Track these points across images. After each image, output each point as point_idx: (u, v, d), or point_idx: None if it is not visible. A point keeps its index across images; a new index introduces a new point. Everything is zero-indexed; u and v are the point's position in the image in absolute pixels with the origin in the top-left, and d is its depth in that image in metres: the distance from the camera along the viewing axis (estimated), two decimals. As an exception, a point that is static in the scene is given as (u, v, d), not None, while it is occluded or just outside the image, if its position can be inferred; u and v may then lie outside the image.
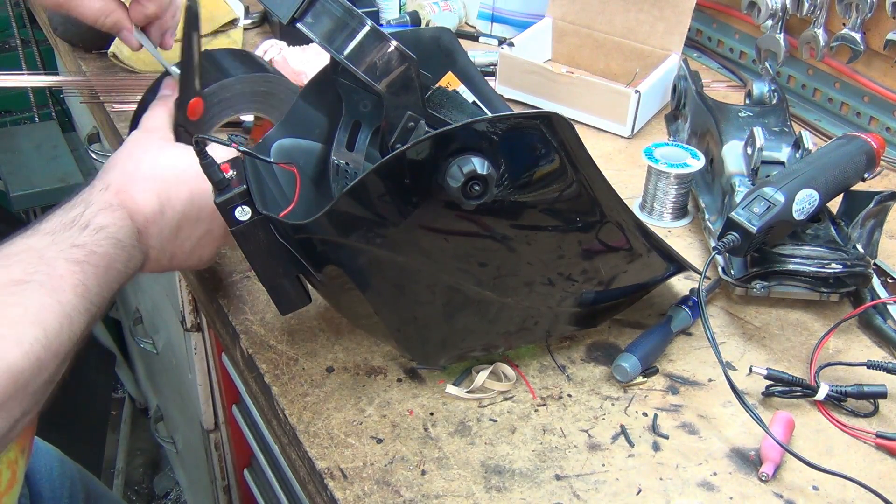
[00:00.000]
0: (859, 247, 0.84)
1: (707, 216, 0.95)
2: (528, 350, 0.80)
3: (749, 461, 0.71)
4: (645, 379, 0.78)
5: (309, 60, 1.15)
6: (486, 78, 0.93)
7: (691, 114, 1.11)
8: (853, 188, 0.88)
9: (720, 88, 1.29)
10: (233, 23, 1.28)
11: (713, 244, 0.81)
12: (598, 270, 0.74)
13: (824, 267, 0.82)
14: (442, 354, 0.76)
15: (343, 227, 0.65)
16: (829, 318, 0.85)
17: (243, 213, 0.70)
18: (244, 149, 0.73)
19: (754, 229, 0.78)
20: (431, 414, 0.74)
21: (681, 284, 0.89)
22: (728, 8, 1.32)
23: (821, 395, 0.75)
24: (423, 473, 0.69)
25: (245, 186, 0.70)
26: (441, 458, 0.70)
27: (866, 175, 0.88)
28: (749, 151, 0.95)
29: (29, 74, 2.27)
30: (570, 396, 0.76)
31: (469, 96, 0.89)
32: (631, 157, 1.13)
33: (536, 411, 0.75)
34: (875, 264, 0.88)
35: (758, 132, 0.94)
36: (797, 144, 0.95)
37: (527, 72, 1.20)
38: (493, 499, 0.67)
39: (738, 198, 0.88)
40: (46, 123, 2.58)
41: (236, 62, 0.91)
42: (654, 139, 1.14)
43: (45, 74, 2.25)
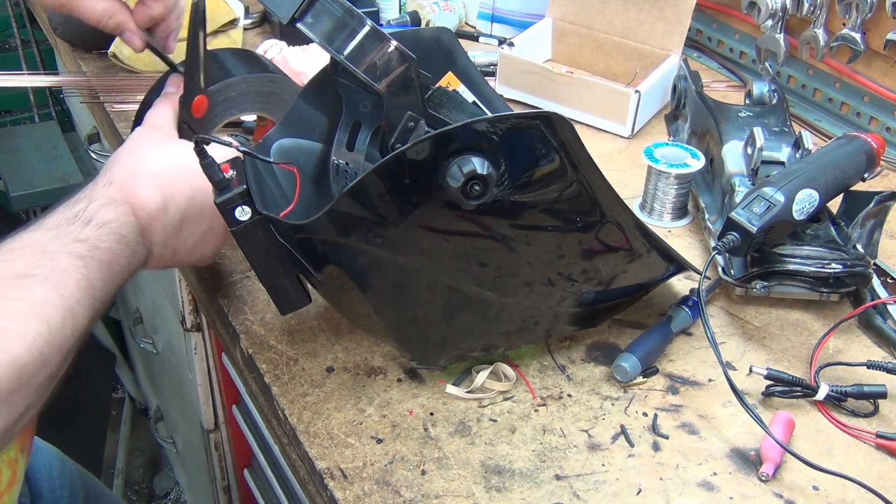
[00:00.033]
0: (859, 247, 0.84)
1: (707, 216, 0.95)
2: (528, 350, 0.80)
3: (749, 461, 0.71)
4: (645, 379, 0.78)
5: (309, 60, 1.15)
6: (486, 78, 0.93)
7: (691, 114, 1.11)
8: (853, 188, 0.88)
9: (720, 88, 1.29)
10: (233, 23, 1.28)
11: (713, 244, 0.81)
12: (598, 270, 0.74)
13: (824, 267, 0.82)
14: (442, 354, 0.76)
15: (343, 227, 0.65)
16: (829, 318, 0.85)
17: (243, 213, 0.70)
18: (244, 149, 0.73)
19: (754, 229, 0.78)
20: (431, 414, 0.74)
21: (681, 284, 0.89)
22: (728, 8, 1.32)
23: (821, 395, 0.75)
24: (423, 473, 0.69)
25: (245, 186, 0.70)
26: (441, 458, 0.70)
27: (866, 175, 0.88)
28: (749, 151, 0.95)
29: (29, 74, 2.27)
30: (570, 396, 0.76)
31: (469, 96, 0.89)
32: (631, 157, 1.13)
33: (536, 411, 0.75)
34: (875, 264, 0.88)
35: (758, 132, 0.94)
36: (797, 144, 0.95)
37: (527, 72, 1.20)
38: (493, 499, 0.67)
39: (738, 198, 0.88)
40: (46, 123, 2.58)
41: (240, 62, 0.91)
42: (654, 139, 1.14)
43: (45, 74, 2.25)
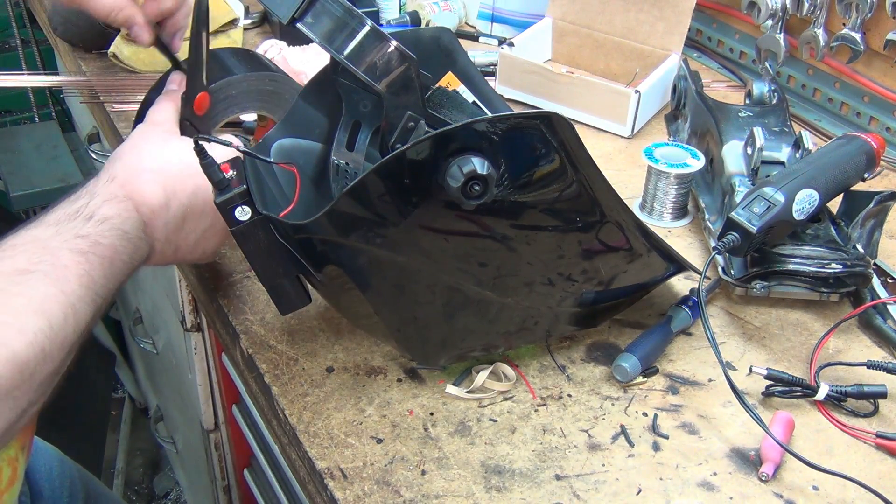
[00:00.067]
0: (859, 247, 0.84)
1: (707, 216, 0.95)
2: (528, 350, 0.80)
3: (749, 461, 0.71)
4: (645, 379, 0.78)
5: (309, 60, 1.15)
6: (486, 78, 0.93)
7: (691, 114, 1.11)
8: (853, 188, 0.88)
9: (720, 88, 1.29)
10: (233, 23, 1.28)
11: (713, 244, 0.81)
12: (598, 270, 0.74)
13: (824, 267, 0.82)
14: (442, 354, 0.76)
15: (343, 227, 0.65)
16: (829, 318, 0.85)
17: (243, 213, 0.70)
18: (244, 149, 0.73)
19: (754, 229, 0.78)
20: (431, 414, 0.74)
21: (681, 284, 0.88)
22: (728, 8, 1.32)
23: (821, 395, 0.75)
24: (423, 473, 0.69)
25: (245, 186, 0.70)
26: (441, 458, 0.70)
27: (866, 175, 0.88)
28: (749, 151, 0.95)
29: (29, 74, 2.27)
30: (570, 396, 0.76)
31: (469, 96, 0.89)
32: (631, 157, 1.13)
33: (536, 411, 0.75)
34: (875, 264, 0.88)
35: (758, 132, 0.94)
36: (797, 144, 0.95)
37: (527, 72, 1.20)
38: (493, 499, 0.67)
39: (738, 198, 0.88)
40: (46, 123, 2.58)
41: (240, 61, 0.91)
42: (654, 139, 1.14)
43: (45, 74, 2.25)
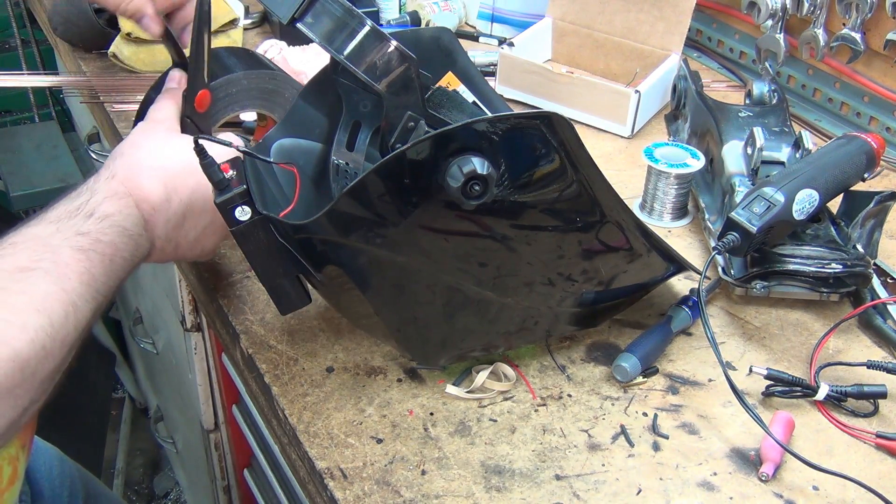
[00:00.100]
0: (859, 247, 0.84)
1: (707, 216, 0.95)
2: (528, 350, 0.80)
3: (749, 461, 0.71)
4: (645, 379, 0.78)
5: (309, 60, 1.15)
6: (486, 78, 0.93)
7: (691, 114, 1.11)
8: (853, 188, 0.88)
9: (720, 88, 1.29)
10: (233, 23, 1.28)
11: (713, 244, 0.81)
12: (598, 270, 0.74)
13: (824, 267, 0.82)
14: (442, 354, 0.76)
15: (343, 227, 0.65)
16: (829, 318, 0.85)
17: (243, 213, 0.70)
18: (244, 149, 0.73)
19: (754, 229, 0.78)
20: (431, 414, 0.74)
21: (681, 284, 0.88)
22: (728, 8, 1.32)
23: (821, 395, 0.75)
24: (423, 473, 0.69)
25: (245, 186, 0.70)
26: (441, 458, 0.70)
27: (866, 175, 0.88)
28: (749, 151, 0.95)
29: (29, 74, 2.27)
30: (570, 396, 0.76)
31: (469, 96, 0.89)
32: (631, 157, 1.13)
33: (536, 411, 0.75)
34: (875, 264, 0.88)
35: (758, 132, 0.94)
36: (797, 144, 0.95)
37: (527, 72, 1.20)
38: (493, 499, 0.67)
39: (738, 198, 0.88)
40: (46, 123, 2.59)
41: (240, 60, 0.91)
42: (654, 139, 1.14)
43: (45, 74, 2.25)
